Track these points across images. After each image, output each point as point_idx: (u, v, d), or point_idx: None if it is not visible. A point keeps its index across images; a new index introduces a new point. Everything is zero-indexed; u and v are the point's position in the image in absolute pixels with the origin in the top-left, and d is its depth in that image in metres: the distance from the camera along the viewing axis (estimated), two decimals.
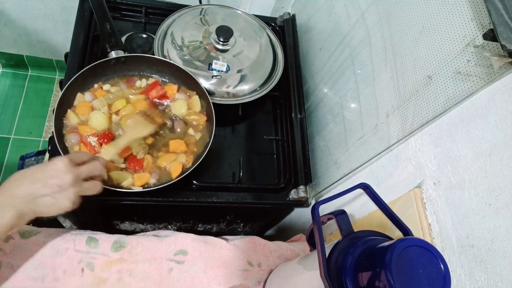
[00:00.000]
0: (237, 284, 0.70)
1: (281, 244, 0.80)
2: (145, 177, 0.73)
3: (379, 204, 0.55)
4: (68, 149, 0.73)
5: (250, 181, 0.87)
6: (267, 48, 0.96)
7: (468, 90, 0.47)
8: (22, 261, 0.62)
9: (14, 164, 1.56)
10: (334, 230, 0.78)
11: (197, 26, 0.92)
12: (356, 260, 0.46)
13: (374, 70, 0.68)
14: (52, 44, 1.58)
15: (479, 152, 0.46)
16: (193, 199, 0.79)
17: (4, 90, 1.68)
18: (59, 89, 1.70)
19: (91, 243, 0.66)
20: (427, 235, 0.53)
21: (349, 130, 0.75)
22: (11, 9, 1.38)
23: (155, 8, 0.99)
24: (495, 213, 0.44)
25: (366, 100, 0.70)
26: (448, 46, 0.51)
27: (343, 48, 0.80)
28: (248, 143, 0.92)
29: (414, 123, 0.56)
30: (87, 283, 0.63)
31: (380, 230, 0.53)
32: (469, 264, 0.46)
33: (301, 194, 0.84)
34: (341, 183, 0.78)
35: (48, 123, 1.68)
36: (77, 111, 0.76)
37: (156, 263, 0.67)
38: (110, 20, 0.83)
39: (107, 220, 0.95)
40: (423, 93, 0.55)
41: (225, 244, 0.73)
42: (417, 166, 0.56)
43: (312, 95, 0.94)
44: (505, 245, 0.42)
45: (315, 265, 0.50)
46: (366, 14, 0.71)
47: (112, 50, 0.80)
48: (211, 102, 0.80)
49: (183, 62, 0.86)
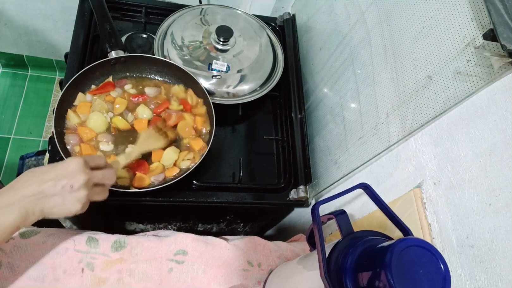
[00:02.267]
0: (237, 284, 0.70)
1: (281, 244, 0.80)
2: (147, 180, 0.73)
3: (379, 204, 0.55)
4: (69, 149, 0.73)
5: (250, 181, 0.87)
6: (267, 48, 0.96)
7: (468, 90, 0.47)
8: (22, 261, 0.62)
9: (14, 164, 1.56)
10: (334, 230, 0.78)
11: (197, 26, 0.92)
12: (356, 260, 0.46)
13: (374, 70, 0.68)
14: (52, 44, 1.58)
15: (479, 152, 0.46)
16: (193, 199, 0.79)
17: (4, 90, 1.68)
18: (59, 89, 1.70)
19: (91, 243, 0.66)
20: (427, 235, 0.53)
21: (349, 130, 0.75)
22: (11, 9, 1.38)
23: (155, 8, 0.99)
24: (495, 213, 0.44)
25: (366, 100, 0.70)
26: (448, 46, 0.51)
27: (343, 48, 0.80)
28: (248, 143, 0.92)
29: (414, 123, 0.56)
30: (87, 283, 0.63)
31: (380, 230, 0.53)
32: (469, 264, 0.46)
33: (301, 194, 0.84)
34: (341, 183, 0.78)
35: (48, 123, 1.68)
36: (78, 111, 0.76)
37: (156, 263, 0.67)
38: (110, 20, 0.83)
39: (107, 220, 0.95)
40: (423, 93, 0.55)
41: (225, 244, 0.73)
42: (417, 166, 0.56)
43: (312, 95, 0.94)
44: (505, 245, 0.42)
45: (315, 265, 0.50)
46: (366, 14, 0.71)
47: (112, 50, 0.79)
48: (211, 102, 0.80)
49: (183, 62, 0.86)
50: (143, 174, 0.73)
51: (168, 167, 0.76)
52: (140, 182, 0.72)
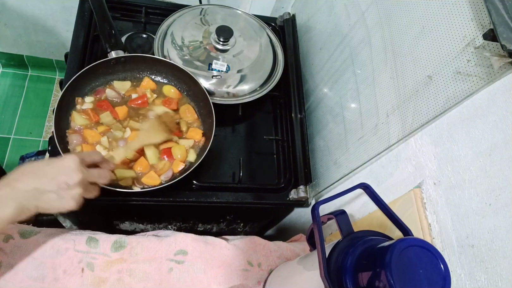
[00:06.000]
0: (237, 284, 0.70)
1: (281, 244, 0.80)
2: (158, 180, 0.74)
3: (379, 204, 0.55)
4: (70, 150, 0.73)
5: (250, 181, 0.87)
6: (267, 48, 0.96)
7: (468, 90, 0.47)
8: (22, 261, 0.62)
9: (14, 164, 1.56)
10: (334, 230, 0.78)
11: (197, 26, 0.92)
12: (356, 260, 0.46)
13: (374, 70, 0.68)
14: (52, 44, 1.58)
15: (479, 152, 0.46)
16: (193, 199, 0.79)
17: (4, 90, 1.68)
18: (59, 89, 1.70)
19: (91, 243, 0.66)
20: (427, 235, 0.53)
21: (349, 130, 0.75)
22: (11, 9, 1.38)
23: (155, 8, 0.99)
24: (495, 213, 0.44)
25: (366, 100, 0.70)
26: (448, 46, 0.51)
27: (343, 48, 0.80)
28: (248, 143, 0.92)
29: (414, 123, 0.56)
30: (87, 283, 0.63)
31: (380, 230, 0.53)
32: (469, 264, 0.46)
33: (301, 194, 0.84)
34: (341, 183, 0.78)
35: (48, 123, 1.68)
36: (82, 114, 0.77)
37: (156, 263, 0.67)
38: (110, 20, 0.83)
39: (107, 220, 0.95)
40: (423, 93, 0.55)
41: (225, 244, 0.73)
42: (417, 166, 0.56)
43: (312, 95, 0.94)
44: (505, 245, 0.42)
45: (315, 265, 0.50)
46: (366, 14, 0.71)
47: (112, 50, 0.79)
48: (211, 102, 0.80)
49: (183, 62, 0.86)
50: (154, 173, 0.74)
51: (155, 164, 0.76)
52: (151, 180, 0.73)
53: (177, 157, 0.77)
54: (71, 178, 0.54)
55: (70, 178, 0.54)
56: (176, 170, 0.76)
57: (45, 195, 0.53)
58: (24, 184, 0.52)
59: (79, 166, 0.55)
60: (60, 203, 0.54)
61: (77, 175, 0.54)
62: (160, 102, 0.83)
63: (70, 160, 0.55)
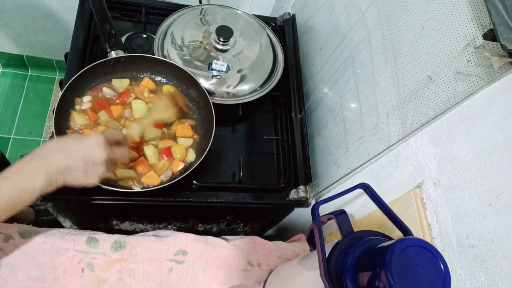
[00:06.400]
0: (237, 284, 0.70)
1: (281, 244, 0.80)
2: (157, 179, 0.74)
3: (379, 204, 0.55)
4: None
5: (250, 181, 0.87)
6: (267, 48, 0.96)
7: (468, 90, 0.47)
8: (22, 261, 0.62)
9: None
10: (334, 230, 0.78)
11: (197, 26, 0.92)
12: (356, 260, 0.46)
13: (374, 70, 0.68)
14: (52, 44, 1.58)
15: (479, 152, 0.46)
16: (193, 199, 0.79)
17: (4, 90, 1.68)
18: (59, 89, 1.70)
19: (91, 243, 0.66)
20: (427, 235, 0.53)
21: (349, 130, 0.75)
22: (11, 9, 1.38)
23: (155, 8, 0.99)
24: (495, 213, 0.44)
25: (366, 100, 0.70)
26: (448, 46, 0.51)
27: (343, 48, 0.80)
28: (248, 143, 0.92)
29: (414, 123, 0.56)
30: (87, 283, 0.63)
31: (380, 230, 0.53)
32: (469, 264, 0.46)
33: (301, 194, 0.84)
34: (341, 183, 0.78)
35: (48, 123, 1.68)
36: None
37: (156, 263, 0.67)
38: (110, 20, 0.83)
39: (107, 220, 0.95)
40: (423, 93, 0.55)
41: (225, 244, 0.73)
42: (417, 166, 0.56)
43: (312, 95, 0.94)
44: (505, 245, 0.42)
45: (315, 265, 0.50)
46: (366, 14, 0.71)
47: (112, 50, 0.79)
48: (211, 102, 0.80)
49: (183, 62, 0.86)
50: (154, 173, 0.74)
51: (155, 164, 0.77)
52: (151, 180, 0.73)
53: (176, 156, 0.77)
54: (97, 156, 0.58)
55: (96, 156, 0.57)
56: (175, 169, 0.76)
57: (73, 171, 0.57)
58: (54, 159, 0.55)
59: (105, 145, 0.58)
60: (85, 179, 0.58)
61: (103, 154, 0.58)
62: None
63: (97, 139, 0.58)
